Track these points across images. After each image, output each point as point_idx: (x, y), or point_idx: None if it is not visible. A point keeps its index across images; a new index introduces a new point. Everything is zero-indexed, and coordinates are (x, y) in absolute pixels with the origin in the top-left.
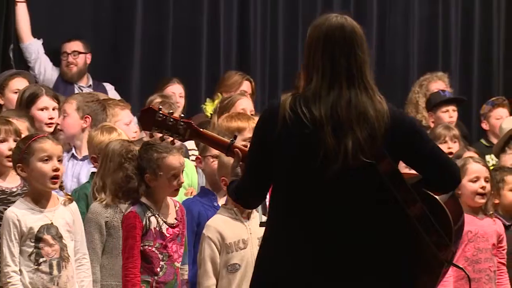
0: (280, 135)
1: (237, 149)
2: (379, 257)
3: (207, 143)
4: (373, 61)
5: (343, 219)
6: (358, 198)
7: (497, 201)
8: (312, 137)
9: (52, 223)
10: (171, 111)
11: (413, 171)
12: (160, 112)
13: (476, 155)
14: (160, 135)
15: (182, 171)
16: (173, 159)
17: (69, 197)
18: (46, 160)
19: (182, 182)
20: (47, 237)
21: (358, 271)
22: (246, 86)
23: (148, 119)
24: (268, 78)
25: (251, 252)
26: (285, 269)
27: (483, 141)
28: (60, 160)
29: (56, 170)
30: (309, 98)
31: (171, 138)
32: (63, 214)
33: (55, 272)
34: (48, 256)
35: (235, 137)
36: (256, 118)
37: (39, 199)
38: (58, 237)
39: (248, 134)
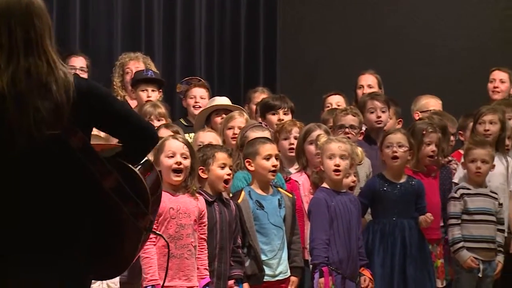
0: None
1: None
2: (73, 230)
3: None
4: (77, 41)
5: (36, 194)
6: (50, 173)
7: (206, 177)
8: None
9: None
10: None
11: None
12: None
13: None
14: None
15: None
16: None
17: None
18: None
19: None
20: None
21: (52, 245)
22: None
23: None
24: None
25: None
26: None
27: (182, 120)
28: None
29: None
30: None
31: None
32: None
33: None
34: None
35: None
36: None
37: None
38: None
39: None
